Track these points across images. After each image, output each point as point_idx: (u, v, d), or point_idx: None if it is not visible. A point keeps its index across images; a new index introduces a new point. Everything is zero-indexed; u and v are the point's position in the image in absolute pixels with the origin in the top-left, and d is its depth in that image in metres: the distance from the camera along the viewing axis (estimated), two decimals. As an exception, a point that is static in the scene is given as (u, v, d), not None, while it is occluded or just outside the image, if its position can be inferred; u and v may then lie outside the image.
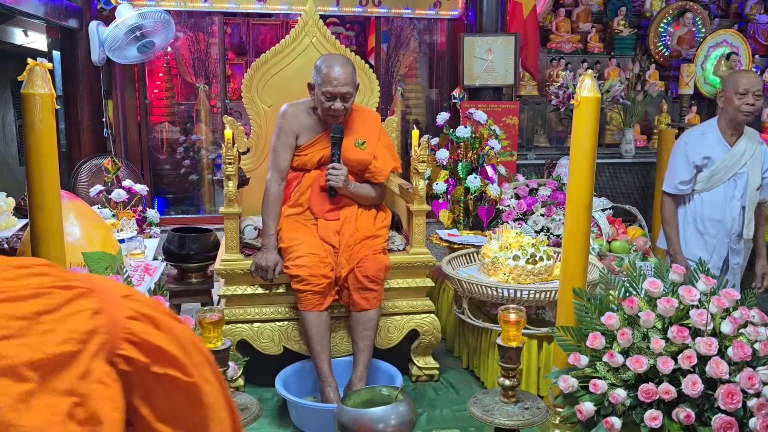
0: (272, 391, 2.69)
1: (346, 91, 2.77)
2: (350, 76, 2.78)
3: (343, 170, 2.82)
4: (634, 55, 5.56)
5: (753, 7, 5.82)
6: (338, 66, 2.76)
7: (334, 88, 2.75)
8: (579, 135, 2.11)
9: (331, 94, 2.76)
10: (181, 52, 5.35)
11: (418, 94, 5.77)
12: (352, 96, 2.83)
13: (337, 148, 2.84)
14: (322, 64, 2.80)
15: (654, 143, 5.31)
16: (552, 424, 2.16)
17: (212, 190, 5.54)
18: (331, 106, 2.78)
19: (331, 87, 2.75)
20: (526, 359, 2.73)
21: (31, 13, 3.44)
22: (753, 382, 1.79)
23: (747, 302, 2.03)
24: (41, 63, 1.88)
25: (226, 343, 1.98)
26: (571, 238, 2.15)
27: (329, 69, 2.75)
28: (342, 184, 2.81)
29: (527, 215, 3.53)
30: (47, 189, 1.90)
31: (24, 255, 2.29)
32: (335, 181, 2.81)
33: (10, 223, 3.03)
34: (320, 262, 2.66)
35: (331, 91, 2.75)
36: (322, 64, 2.80)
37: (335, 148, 2.84)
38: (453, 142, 3.66)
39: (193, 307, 3.44)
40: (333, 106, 2.78)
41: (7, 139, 6.84)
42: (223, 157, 2.76)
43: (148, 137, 5.00)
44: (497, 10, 4.72)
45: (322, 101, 2.79)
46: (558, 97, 4.63)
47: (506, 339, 1.99)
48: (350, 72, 2.79)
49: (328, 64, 2.77)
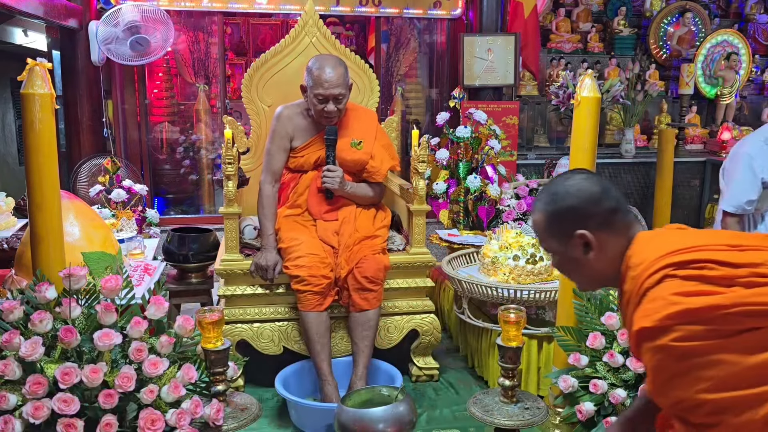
0: (272, 391, 2.69)
1: (338, 92, 2.75)
2: (342, 77, 2.76)
3: (339, 172, 2.82)
4: (634, 55, 5.56)
5: (753, 7, 5.82)
6: (329, 68, 2.73)
7: (325, 90, 2.73)
8: (579, 135, 2.11)
9: (323, 96, 2.74)
10: (180, 51, 5.35)
11: (418, 94, 5.76)
12: (345, 97, 2.81)
13: (331, 150, 2.84)
14: (313, 65, 2.78)
15: (654, 143, 5.31)
16: (552, 424, 2.16)
17: (212, 190, 5.54)
18: (324, 108, 2.76)
19: (323, 89, 2.73)
20: (526, 359, 2.73)
21: (31, 12, 3.44)
22: (753, 382, 1.79)
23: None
24: (41, 63, 1.88)
25: (226, 343, 1.98)
26: (571, 238, 2.15)
27: (320, 71, 2.72)
28: (338, 186, 2.81)
29: (527, 215, 3.53)
30: (47, 189, 1.90)
31: (24, 255, 2.28)
32: (331, 183, 2.80)
33: (9, 223, 3.03)
34: (320, 263, 2.66)
35: (323, 94, 2.73)
36: (313, 65, 2.78)
37: (330, 149, 2.83)
38: (453, 142, 3.66)
39: (193, 307, 3.44)
40: (326, 108, 2.76)
41: (6, 139, 6.84)
42: (222, 157, 2.76)
43: (147, 137, 5.00)
44: (497, 10, 4.72)
45: (315, 103, 2.77)
46: (558, 97, 4.63)
47: (506, 339, 1.99)
48: (342, 73, 2.76)
49: (319, 66, 2.75)
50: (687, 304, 1.20)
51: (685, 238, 1.34)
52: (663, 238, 1.36)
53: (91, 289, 1.89)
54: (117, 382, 1.67)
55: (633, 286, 1.31)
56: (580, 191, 1.42)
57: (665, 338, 1.20)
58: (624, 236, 1.40)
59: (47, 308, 1.79)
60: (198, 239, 3.32)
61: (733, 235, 1.39)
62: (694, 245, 1.29)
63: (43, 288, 1.79)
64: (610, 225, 1.40)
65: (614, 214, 1.41)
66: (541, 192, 1.51)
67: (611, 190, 1.43)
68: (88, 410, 1.66)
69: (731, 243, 1.31)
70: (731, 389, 1.18)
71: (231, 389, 2.09)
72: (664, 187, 4.56)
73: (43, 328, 1.72)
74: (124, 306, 1.90)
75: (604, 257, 1.41)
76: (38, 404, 1.60)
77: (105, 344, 1.71)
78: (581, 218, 1.40)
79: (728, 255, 1.27)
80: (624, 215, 1.42)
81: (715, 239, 1.34)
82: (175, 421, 1.71)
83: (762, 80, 5.77)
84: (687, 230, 1.44)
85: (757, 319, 1.20)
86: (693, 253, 1.27)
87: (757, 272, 1.24)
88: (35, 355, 1.66)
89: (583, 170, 1.55)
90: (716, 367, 1.18)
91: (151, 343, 1.82)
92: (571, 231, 1.41)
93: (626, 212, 1.43)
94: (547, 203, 1.46)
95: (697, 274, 1.24)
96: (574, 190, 1.43)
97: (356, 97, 3.26)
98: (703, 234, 1.42)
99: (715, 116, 5.56)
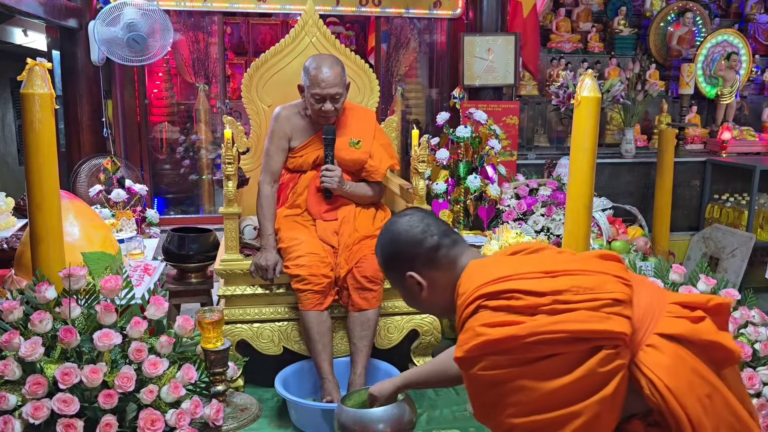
0: (272, 391, 2.69)
1: (335, 92, 2.75)
2: (339, 76, 2.76)
3: (337, 171, 2.82)
4: (634, 54, 5.55)
5: (753, 7, 5.82)
6: (326, 67, 2.74)
7: (322, 90, 2.73)
8: (579, 135, 2.11)
9: (320, 95, 2.74)
10: (180, 51, 5.34)
11: (418, 94, 5.76)
12: (343, 96, 2.82)
13: (330, 149, 2.84)
14: (310, 65, 2.78)
15: (654, 143, 5.30)
16: (552, 424, 2.16)
17: (212, 190, 5.53)
18: (322, 107, 2.77)
19: (320, 89, 2.73)
20: (526, 359, 2.73)
21: (31, 12, 3.43)
22: (753, 382, 1.79)
23: (747, 302, 2.03)
24: (41, 63, 1.88)
25: (226, 343, 1.98)
26: (571, 238, 2.15)
27: (317, 71, 2.73)
28: (336, 185, 2.81)
29: (527, 215, 3.53)
30: (47, 189, 1.90)
31: (24, 255, 2.28)
32: (329, 183, 2.80)
33: (9, 223, 3.03)
34: (320, 262, 2.66)
35: (320, 93, 2.74)
36: (310, 65, 2.78)
37: (328, 149, 2.84)
38: (453, 142, 3.66)
39: (192, 307, 3.44)
40: (323, 107, 2.77)
41: (6, 139, 6.84)
42: (222, 157, 2.76)
43: (147, 137, 4.99)
44: (497, 10, 4.71)
45: (312, 103, 2.78)
46: (558, 96, 4.63)
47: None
48: (339, 72, 2.77)
49: (316, 66, 2.75)
50: (489, 336, 1.26)
51: (505, 267, 1.38)
52: (486, 267, 1.41)
53: (91, 289, 1.89)
54: (117, 383, 1.67)
55: (458, 316, 1.37)
56: (401, 235, 1.53)
57: (475, 368, 1.29)
58: (453, 269, 1.50)
59: (47, 308, 1.79)
60: (198, 239, 3.32)
61: (555, 260, 1.41)
62: (507, 275, 1.34)
63: (43, 288, 1.79)
64: (435, 262, 1.50)
65: (437, 251, 1.50)
66: (379, 235, 1.62)
67: (432, 228, 1.52)
68: (87, 410, 1.66)
69: (547, 269, 1.35)
70: (534, 413, 1.25)
71: (231, 389, 2.09)
72: (664, 187, 4.55)
73: (42, 328, 1.72)
74: (123, 306, 1.90)
75: (437, 291, 1.51)
76: (38, 404, 1.60)
77: (105, 344, 1.71)
78: (408, 261, 1.52)
79: (537, 283, 1.31)
80: (448, 249, 1.51)
81: (534, 266, 1.37)
82: (175, 422, 1.71)
83: (762, 80, 5.77)
84: (513, 257, 1.49)
85: (553, 346, 1.24)
86: (504, 283, 1.32)
87: (560, 299, 1.28)
88: (35, 355, 1.66)
89: (411, 210, 1.64)
90: (520, 393, 1.26)
91: (151, 343, 1.82)
92: (402, 273, 1.53)
93: (451, 245, 1.51)
94: (380, 249, 1.59)
95: (505, 304, 1.30)
96: (397, 235, 1.54)
97: (356, 97, 3.26)
98: (525, 261, 1.46)
99: (715, 116, 5.55)
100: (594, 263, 1.39)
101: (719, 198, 5.05)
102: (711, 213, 5.04)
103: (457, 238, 1.56)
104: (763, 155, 5.21)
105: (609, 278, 1.33)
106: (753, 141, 5.25)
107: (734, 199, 4.91)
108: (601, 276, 1.34)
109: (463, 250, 1.53)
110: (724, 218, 4.91)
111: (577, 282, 1.30)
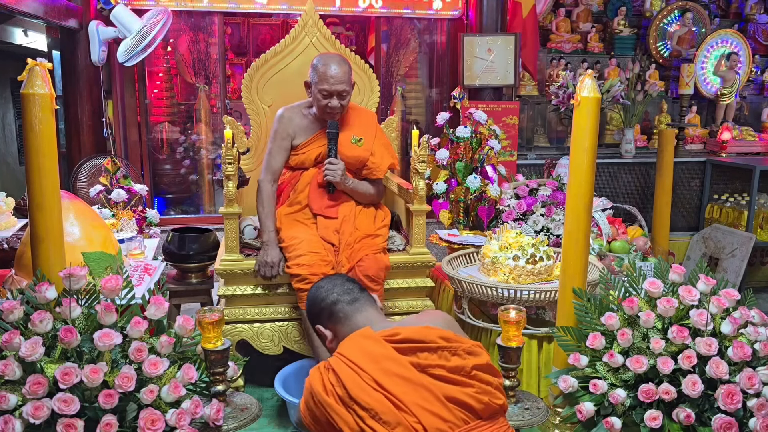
0: (272, 391, 2.69)
1: (343, 89, 2.80)
2: (347, 74, 2.81)
3: (340, 164, 2.84)
4: (634, 55, 5.55)
5: (753, 7, 5.82)
6: (334, 64, 2.79)
7: (330, 86, 2.77)
8: (579, 135, 2.11)
9: (327, 91, 2.78)
10: (181, 51, 5.34)
11: (418, 94, 5.75)
12: (349, 94, 2.86)
13: (333, 144, 2.86)
14: (318, 62, 2.82)
15: (654, 143, 5.30)
16: (552, 424, 2.16)
17: (212, 190, 5.54)
18: (328, 103, 2.80)
19: (328, 85, 2.77)
20: (526, 359, 2.73)
21: (31, 13, 3.44)
22: (753, 382, 1.79)
23: (747, 302, 2.02)
24: (41, 63, 1.87)
25: (226, 343, 1.98)
26: (571, 238, 2.15)
27: (326, 67, 2.77)
28: (339, 178, 2.83)
29: (527, 215, 3.53)
30: (47, 189, 1.90)
31: (24, 255, 2.29)
32: (333, 176, 2.82)
33: (9, 223, 3.03)
34: (321, 261, 2.67)
35: (328, 89, 2.78)
36: (318, 62, 2.82)
37: (332, 143, 2.86)
38: (453, 142, 3.66)
39: (192, 307, 3.45)
40: (330, 103, 2.80)
41: (6, 139, 6.84)
42: (222, 157, 2.76)
43: (148, 137, 4.99)
44: (497, 10, 4.72)
45: (319, 99, 2.81)
46: (558, 97, 4.63)
47: (506, 339, 1.99)
48: (347, 70, 2.82)
49: (324, 63, 2.80)
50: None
51: (358, 360, 1.60)
52: (350, 349, 1.65)
53: (91, 289, 1.89)
54: (117, 382, 1.67)
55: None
56: (312, 295, 1.90)
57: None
58: (350, 323, 1.79)
59: (47, 308, 1.79)
60: (198, 239, 3.32)
61: (397, 385, 1.58)
62: (348, 365, 1.60)
63: (43, 288, 1.79)
64: (334, 317, 1.82)
65: (335, 306, 1.82)
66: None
67: (335, 288, 1.85)
68: (88, 410, 1.66)
69: (384, 385, 1.55)
70: None
71: (231, 389, 2.09)
72: (664, 187, 4.56)
73: (43, 328, 1.72)
74: (124, 306, 1.90)
75: (340, 341, 1.74)
76: (38, 404, 1.60)
77: (105, 344, 1.71)
78: (315, 316, 1.88)
79: (361, 391, 1.54)
80: (346, 305, 1.81)
81: (380, 376, 1.57)
82: (175, 421, 1.70)
83: (762, 80, 5.77)
84: (365, 341, 1.68)
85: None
86: (341, 369, 1.60)
87: (359, 413, 1.53)
88: (35, 355, 1.65)
89: (334, 275, 2.07)
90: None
91: (151, 343, 1.82)
92: (314, 326, 1.88)
93: (350, 302, 1.81)
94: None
95: (335, 379, 1.60)
96: (311, 296, 1.90)
97: (356, 97, 3.27)
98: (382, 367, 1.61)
99: (715, 116, 5.56)
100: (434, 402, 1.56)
101: (719, 198, 5.06)
102: (711, 213, 5.05)
103: (359, 296, 1.84)
104: (763, 155, 5.21)
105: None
106: (753, 141, 5.26)
107: (734, 199, 4.92)
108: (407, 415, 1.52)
109: (360, 307, 1.81)
110: (723, 218, 4.91)
111: (382, 410, 1.51)
